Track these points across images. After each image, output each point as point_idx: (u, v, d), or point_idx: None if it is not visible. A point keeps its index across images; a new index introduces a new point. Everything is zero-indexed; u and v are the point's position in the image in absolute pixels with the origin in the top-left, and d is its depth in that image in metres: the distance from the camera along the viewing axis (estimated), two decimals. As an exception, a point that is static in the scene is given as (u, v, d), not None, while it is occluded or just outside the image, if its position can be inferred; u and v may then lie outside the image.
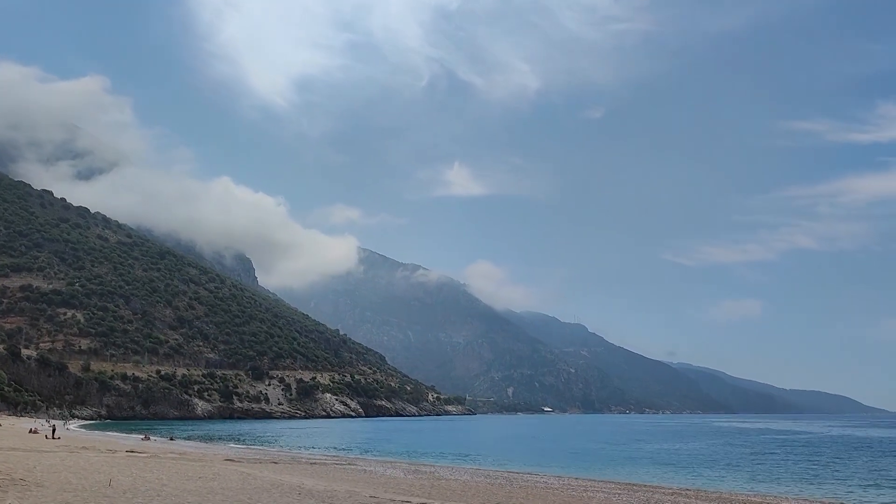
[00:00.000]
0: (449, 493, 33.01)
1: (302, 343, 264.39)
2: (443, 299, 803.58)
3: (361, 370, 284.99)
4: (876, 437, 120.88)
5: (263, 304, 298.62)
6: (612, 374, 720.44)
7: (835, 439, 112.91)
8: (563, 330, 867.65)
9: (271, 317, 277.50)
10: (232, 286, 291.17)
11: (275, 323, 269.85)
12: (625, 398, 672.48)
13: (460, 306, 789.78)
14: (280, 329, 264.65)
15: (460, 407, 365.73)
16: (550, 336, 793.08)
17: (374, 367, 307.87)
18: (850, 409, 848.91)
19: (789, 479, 49.70)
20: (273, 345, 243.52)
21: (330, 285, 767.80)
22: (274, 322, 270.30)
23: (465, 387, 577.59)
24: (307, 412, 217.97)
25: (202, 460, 47.79)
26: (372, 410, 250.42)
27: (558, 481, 43.64)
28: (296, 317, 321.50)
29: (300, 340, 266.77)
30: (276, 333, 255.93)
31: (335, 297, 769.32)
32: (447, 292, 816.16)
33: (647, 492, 38.40)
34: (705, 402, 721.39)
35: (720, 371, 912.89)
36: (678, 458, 70.39)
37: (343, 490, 31.18)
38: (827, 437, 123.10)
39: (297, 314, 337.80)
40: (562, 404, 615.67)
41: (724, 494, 38.69)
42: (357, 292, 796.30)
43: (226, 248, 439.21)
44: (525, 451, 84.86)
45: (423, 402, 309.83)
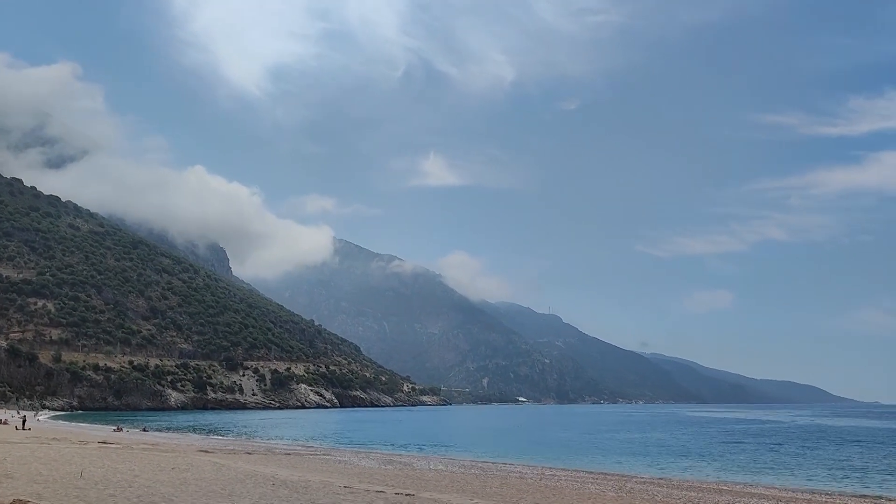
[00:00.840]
0: (423, 483, 33.12)
1: (276, 334, 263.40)
2: (418, 290, 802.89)
3: (336, 361, 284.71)
4: (843, 427, 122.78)
5: (237, 295, 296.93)
6: (586, 365, 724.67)
7: (803, 429, 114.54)
8: (537, 321, 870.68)
9: (245, 307, 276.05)
10: (206, 276, 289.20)
11: (249, 313, 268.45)
12: (598, 388, 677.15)
13: (436, 297, 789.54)
14: (254, 320, 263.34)
15: (435, 397, 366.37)
16: (525, 327, 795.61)
17: (349, 358, 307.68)
18: (818, 399, 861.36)
19: (759, 468, 50.40)
20: (247, 335, 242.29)
21: (305, 276, 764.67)
22: (248, 312, 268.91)
23: (440, 377, 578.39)
24: (282, 403, 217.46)
25: (175, 451, 47.55)
26: (347, 401, 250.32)
27: (532, 470, 43.94)
28: (270, 307, 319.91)
29: (275, 331, 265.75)
30: (251, 324, 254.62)
31: (310, 288, 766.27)
32: (422, 283, 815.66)
33: (620, 480, 38.78)
34: (678, 392, 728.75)
35: (692, 361, 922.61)
36: (650, 447, 71.09)
37: (317, 480, 31.18)
38: (796, 426, 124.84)
39: (271, 305, 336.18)
40: (536, 395, 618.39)
41: (696, 483, 39.17)
42: (332, 283, 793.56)
43: (199, 238, 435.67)
44: (499, 440, 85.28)
45: (398, 392, 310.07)
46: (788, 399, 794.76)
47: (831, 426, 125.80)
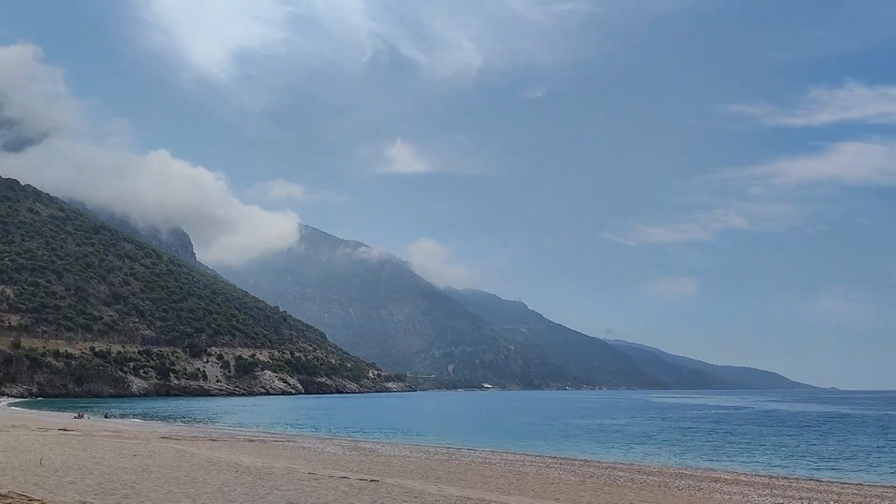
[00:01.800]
0: (388, 468, 33.22)
1: (241, 320, 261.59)
2: (385, 277, 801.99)
3: (302, 347, 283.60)
4: (801, 412, 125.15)
5: (201, 281, 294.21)
6: (550, 352, 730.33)
7: (763, 414, 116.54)
8: (503, 308, 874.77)
9: (210, 293, 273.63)
10: (169, 262, 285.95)
11: (213, 299, 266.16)
12: (563, 375, 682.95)
13: (402, 284, 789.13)
14: (219, 306, 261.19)
15: (401, 384, 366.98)
16: (491, 314, 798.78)
17: (314, 345, 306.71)
18: (778, 385, 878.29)
19: (719, 452, 51.21)
20: (211, 321, 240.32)
21: (270, 262, 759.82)
22: (212, 299, 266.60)
23: (406, 364, 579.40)
24: (246, 389, 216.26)
25: (137, 438, 47.14)
26: (312, 387, 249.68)
27: (496, 456, 44.26)
28: (235, 293, 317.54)
29: (239, 317, 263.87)
30: (215, 310, 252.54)
31: (275, 274, 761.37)
32: (389, 270, 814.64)
33: (582, 466, 39.22)
34: (641, 378, 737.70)
35: (655, 348, 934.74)
36: (613, 433, 71.90)
37: (281, 467, 31.13)
38: (755, 412, 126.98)
39: (236, 291, 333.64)
40: (501, 381, 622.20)
41: (657, 468, 39.73)
42: (298, 269, 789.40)
43: (162, 223, 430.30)
44: (464, 426, 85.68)
45: (363, 379, 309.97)
46: (748, 385, 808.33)
47: (789, 412, 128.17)
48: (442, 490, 24.98)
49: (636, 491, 27.87)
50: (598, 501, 23.92)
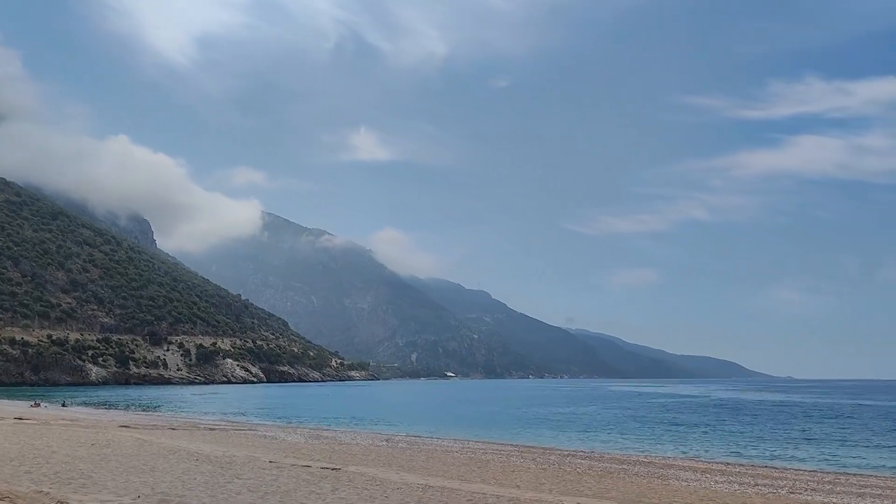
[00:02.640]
0: (350, 457, 33.23)
1: (202, 308, 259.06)
2: (348, 265, 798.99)
3: (264, 336, 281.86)
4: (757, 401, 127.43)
5: (162, 268, 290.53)
6: (513, 341, 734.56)
7: (720, 402, 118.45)
8: (466, 297, 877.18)
9: (170, 280, 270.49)
10: (129, 249, 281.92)
11: (174, 287, 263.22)
12: (525, 363, 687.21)
13: (365, 272, 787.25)
14: (179, 293, 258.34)
15: (364, 372, 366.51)
16: (455, 303, 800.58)
17: (276, 333, 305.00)
18: (735, 374, 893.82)
19: (677, 440, 51.98)
20: (172, 309, 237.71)
21: (232, 249, 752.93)
22: (173, 286, 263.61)
23: (369, 352, 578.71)
24: (207, 378, 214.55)
25: (95, 427, 46.55)
26: (274, 376, 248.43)
27: (458, 444, 44.47)
28: (196, 281, 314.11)
29: (200, 305, 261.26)
30: (176, 298, 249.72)
31: (237, 262, 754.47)
32: (352, 258, 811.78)
33: (543, 453, 39.57)
34: (601, 367, 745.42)
35: (616, 337, 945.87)
36: (573, 421, 72.61)
37: (242, 455, 30.98)
38: (713, 400, 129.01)
39: (197, 278, 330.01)
40: (465, 370, 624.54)
41: (617, 455, 40.24)
42: (260, 257, 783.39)
43: (121, 209, 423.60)
44: (427, 415, 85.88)
45: (326, 367, 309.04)
46: (706, 374, 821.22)
47: (745, 400, 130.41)
48: (404, 478, 25.07)
49: (596, 478, 28.21)
50: (558, 489, 24.16)
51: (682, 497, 23.40)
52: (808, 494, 25.19)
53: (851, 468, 36.51)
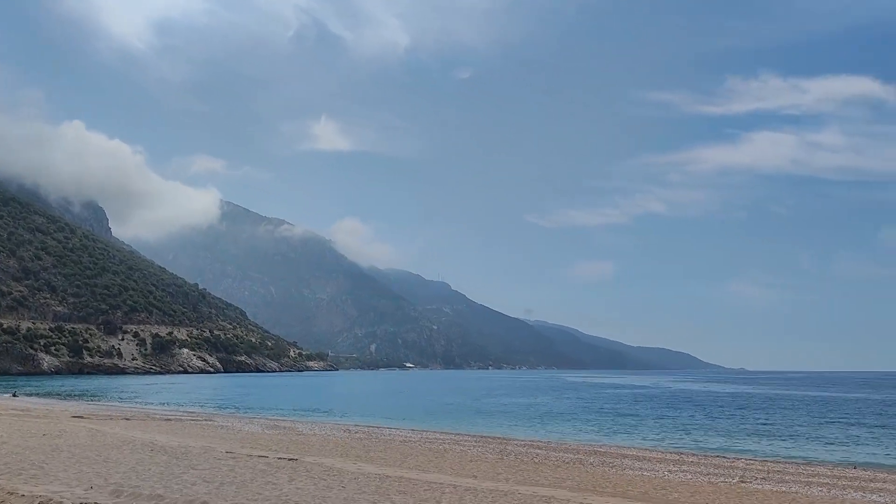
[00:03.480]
0: (307, 447, 33.15)
1: (158, 297, 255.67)
2: (307, 255, 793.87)
3: (221, 325, 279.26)
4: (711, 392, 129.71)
5: (117, 256, 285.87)
6: (472, 332, 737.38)
7: (674, 393, 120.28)
8: (426, 288, 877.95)
9: (126, 269, 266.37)
10: (83, 236, 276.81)
11: (129, 275, 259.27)
12: (484, 354, 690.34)
13: (325, 262, 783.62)
14: (135, 282, 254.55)
15: (322, 363, 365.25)
16: (414, 294, 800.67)
17: (234, 323, 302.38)
18: (690, 365, 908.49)
19: (632, 430, 52.70)
20: (127, 298, 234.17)
21: (189, 238, 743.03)
22: (128, 275, 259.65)
23: (327, 343, 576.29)
24: (163, 368, 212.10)
25: (47, 417, 45.80)
26: (231, 366, 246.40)
27: (416, 435, 44.58)
28: (152, 270, 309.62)
29: (156, 294, 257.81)
30: (131, 286, 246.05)
31: (195, 251, 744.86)
32: (312, 248, 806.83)
33: (501, 443, 39.86)
34: (559, 358, 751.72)
35: (574, 329, 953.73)
36: (530, 411, 73.20)
37: (198, 446, 30.73)
38: (668, 391, 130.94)
39: (153, 267, 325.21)
40: (424, 360, 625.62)
41: (573, 445, 40.68)
42: (218, 246, 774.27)
43: (75, 196, 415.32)
44: (385, 406, 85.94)
45: (284, 357, 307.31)
46: (662, 365, 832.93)
47: (700, 391, 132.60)
48: (361, 468, 25.09)
49: (552, 468, 28.51)
50: (515, 478, 24.38)
51: (635, 486, 23.77)
52: (759, 483, 25.74)
53: (800, 458, 37.36)
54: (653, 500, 20.68)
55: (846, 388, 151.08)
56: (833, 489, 24.83)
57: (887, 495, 23.62)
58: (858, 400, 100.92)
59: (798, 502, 21.35)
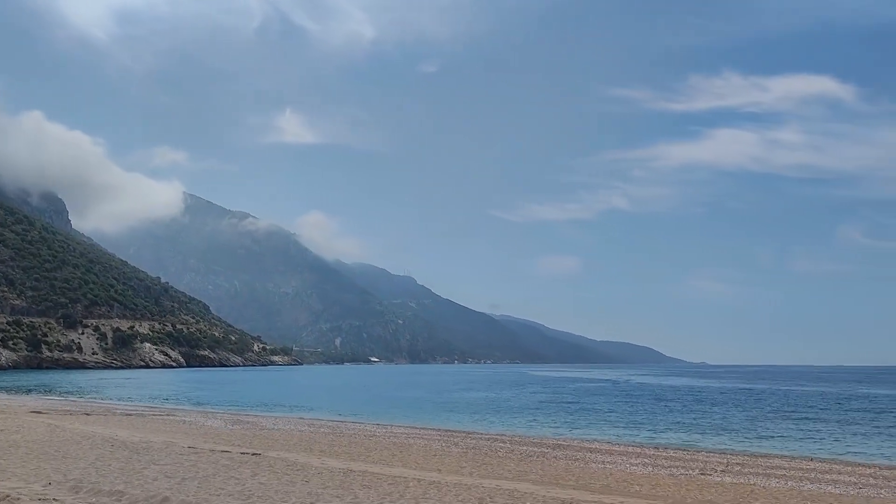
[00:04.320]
0: (271, 442, 33.00)
1: (119, 290, 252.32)
2: (272, 248, 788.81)
3: (184, 319, 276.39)
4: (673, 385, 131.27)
5: (77, 249, 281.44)
6: (438, 326, 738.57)
7: (637, 387, 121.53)
8: (392, 282, 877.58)
9: (86, 262, 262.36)
10: (42, 229, 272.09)
11: (90, 269, 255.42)
12: (450, 349, 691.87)
13: (290, 256, 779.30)
14: (96, 275, 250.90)
15: (287, 357, 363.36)
16: (380, 288, 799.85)
17: (197, 317, 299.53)
18: (652, 359, 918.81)
19: (594, 424, 53.17)
20: (88, 291, 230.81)
21: (152, 231, 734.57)
22: (89, 268, 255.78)
23: (292, 337, 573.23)
24: (124, 362, 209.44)
25: (4, 412, 45.01)
26: (194, 360, 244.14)
27: (381, 429, 44.57)
28: (113, 263, 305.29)
29: (118, 288, 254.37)
30: (92, 280, 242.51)
31: (157, 244, 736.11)
32: (276, 241, 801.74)
33: (465, 437, 40.00)
34: (525, 352, 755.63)
35: (539, 323, 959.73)
36: (495, 405, 73.50)
37: (160, 441, 30.44)
38: (631, 384, 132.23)
39: (114, 260, 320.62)
40: (389, 355, 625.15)
41: (537, 439, 40.96)
42: (181, 239, 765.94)
43: (34, 188, 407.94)
44: (350, 400, 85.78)
45: (248, 352, 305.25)
46: (625, 359, 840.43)
47: (662, 385, 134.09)
48: (325, 463, 25.04)
49: (516, 461, 28.68)
50: (479, 472, 24.49)
51: (598, 479, 24.01)
52: (719, 476, 26.14)
53: (759, 451, 37.99)
54: (615, 492, 20.91)
55: (803, 382, 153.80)
56: (790, 480, 25.31)
57: (843, 486, 24.14)
58: (815, 394, 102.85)
59: (757, 494, 21.71)
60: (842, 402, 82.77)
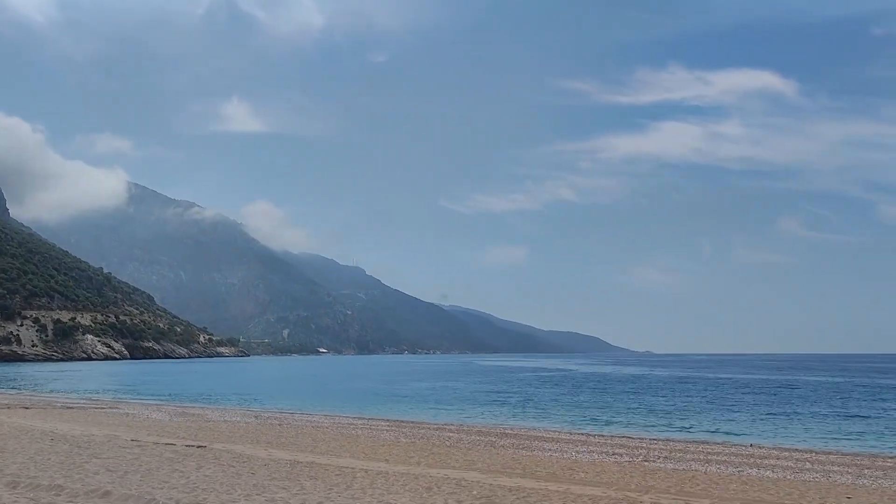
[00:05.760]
0: (217, 434, 32.64)
1: (60, 281, 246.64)
2: (218, 238, 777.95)
3: (127, 311, 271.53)
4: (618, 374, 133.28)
5: (15, 239, 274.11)
6: (387, 317, 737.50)
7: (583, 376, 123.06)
8: (341, 273, 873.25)
9: (25, 252, 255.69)
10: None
11: (29, 259, 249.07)
12: (399, 339, 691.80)
13: (236, 246, 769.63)
14: (35, 266, 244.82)
15: (233, 349, 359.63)
16: (328, 279, 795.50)
17: (141, 308, 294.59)
18: (599, 349, 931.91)
19: (541, 412, 53.71)
20: (26, 282, 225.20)
21: (94, 220, 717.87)
22: (28, 258, 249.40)
23: (239, 328, 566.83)
24: (66, 355, 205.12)
25: (-61, 407, 43.73)
26: (138, 352, 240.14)
27: (329, 420, 44.42)
28: (54, 253, 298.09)
29: (58, 278, 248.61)
30: (31, 270, 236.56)
31: (99, 234, 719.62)
32: (222, 231, 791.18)
33: (413, 427, 40.09)
34: (474, 342, 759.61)
35: (488, 313, 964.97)
36: (444, 395, 73.75)
37: (102, 434, 29.89)
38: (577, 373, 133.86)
39: (55, 250, 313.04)
40: (337, 346, 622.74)
41: (484, 428, 41.23)
42: (124, 229, 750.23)
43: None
44: (297, 391, 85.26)
45: (193, 343, 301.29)
46: (572, 349, 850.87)
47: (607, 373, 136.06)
48: (272, 454, 24.87)
49: (463, 451, 28.84)
50: (426, 462, 24.58)
51: (544, 466, 24.28)
52: (661, 462, 26.64)
53: (700, 438, 38.82)
54: (560, 480, 21.17)
55: (745, 370, 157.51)
56: (730, 466, 25.92)
57: (780, 471, 24.80)
58: (756, 382, 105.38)
59: (697, 479, 22.20)
60: (781, 389, 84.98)
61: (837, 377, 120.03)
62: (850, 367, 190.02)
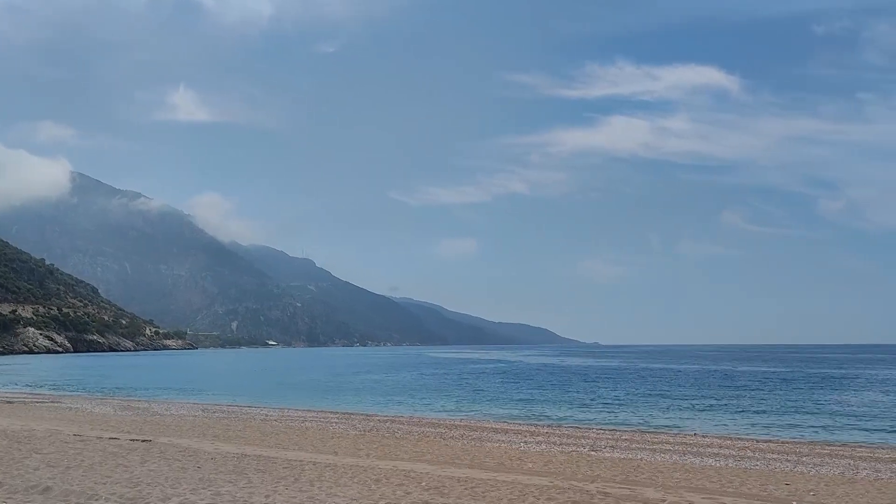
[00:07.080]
0: (162, 427, 32.18)
1: (1, 273, 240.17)
2: (164, 230, 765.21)
3: (71, 303, 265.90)
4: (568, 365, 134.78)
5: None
6: (337, 309, 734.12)
7: (532, 367, 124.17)
8: (290, 264, 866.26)
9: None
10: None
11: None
12: (349, 332, 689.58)
13: (183, 238, 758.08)
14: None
15: (181, 341, 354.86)
16: (278, 271, 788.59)
17: (85, 300, 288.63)
18: (548, 340, 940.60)
19: (490, 404, 54.07)
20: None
21: (35, 210, 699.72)
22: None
23: (186, 321, 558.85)
24: (5, 348, 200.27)
25: None
26: (82, 346, 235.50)
27: (277, 413, 44.11)
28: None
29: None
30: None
31: (41, 224, 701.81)
32: (169, 222, 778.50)
33: (363, 420, 40.04)
34: (424, 334, 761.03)
35: (438, 305, 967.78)
36: (394, 387, 73.82)
37: (43, 429, 29.26)
38: (526, 365, 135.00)
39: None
40: (287, 338, 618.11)
41: (434, 420, 41.38)
42: (67, 219, 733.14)
43: None
44: (246, 384, 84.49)
45: (139, 336, 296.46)
46: (522, 340, 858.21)
47: (556, 365, 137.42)
48: (219, 448, 24.62)
49: (413, 442, 28.91)
50: (376, 454, 24.58)
51: (493, 457, 24.47)
52: (608, 451, 27.05)
53: (647, 427, 39.50)
54: (508, 470, 21.36)
55: (690, 361, 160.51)
56: (674, 454, 26.44)
57: (722, 459, 25.39)
58: (702, 371, 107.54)
59: (642, 468, 22.58)
60: (723, 379, 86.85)
61: (778, 367, 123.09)
62: (790, 357, 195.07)
